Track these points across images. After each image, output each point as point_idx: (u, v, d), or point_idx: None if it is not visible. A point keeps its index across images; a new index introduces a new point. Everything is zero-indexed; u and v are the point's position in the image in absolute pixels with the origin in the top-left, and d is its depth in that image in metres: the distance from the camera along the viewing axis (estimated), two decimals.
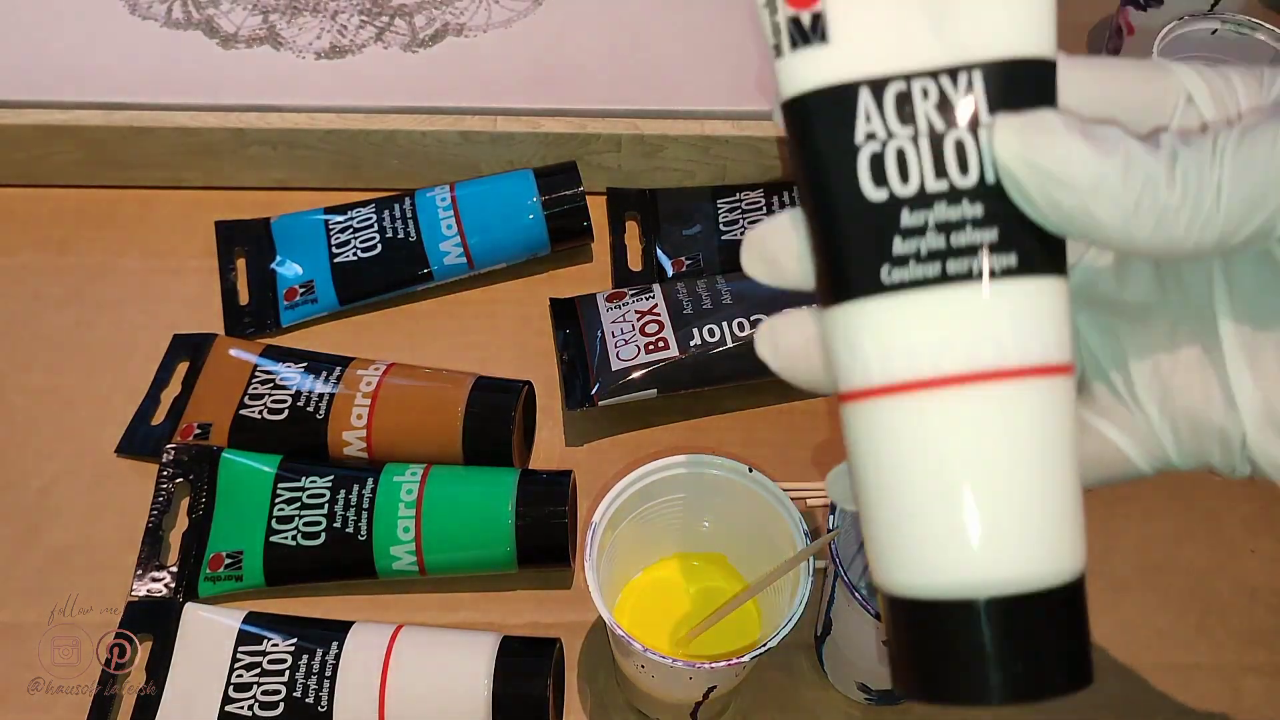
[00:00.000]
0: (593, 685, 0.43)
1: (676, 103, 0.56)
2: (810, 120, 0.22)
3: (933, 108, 0.21)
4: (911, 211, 0.21)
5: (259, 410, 0.47)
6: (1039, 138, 0.20)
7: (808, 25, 0.22)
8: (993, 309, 0.21)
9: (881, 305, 0.21)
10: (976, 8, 0.21)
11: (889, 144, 0.21)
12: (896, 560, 0.22)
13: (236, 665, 0.41)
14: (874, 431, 0.22)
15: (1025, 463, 0.21)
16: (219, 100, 0.56)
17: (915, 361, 0.21)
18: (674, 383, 0.48)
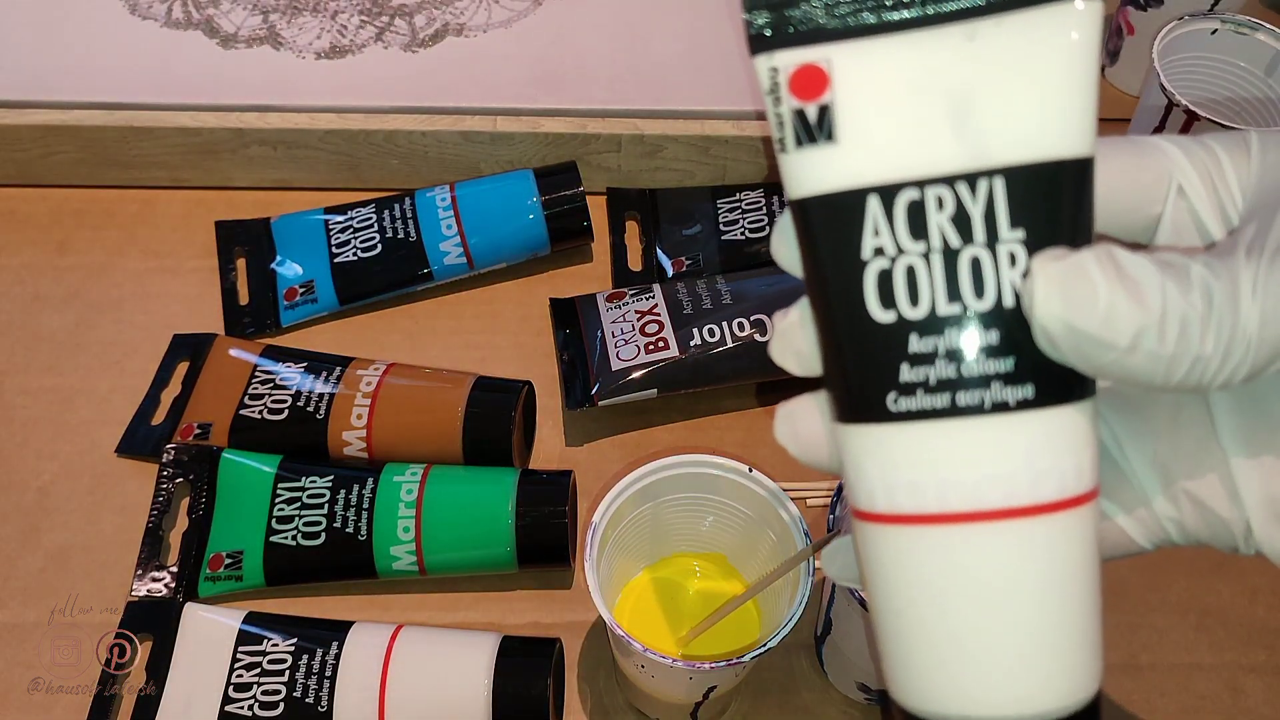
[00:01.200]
0: (593, 685, 0.43)
1: (676, 103, 0.56)
2: (815, 228, 0.20)
3: (948, 220, 0.19)
4: (921, 337, 0.19)
5: (259, 410, 0.47)
6: (1078, 291, 0.18)
7: (814, 120, 0.19)
8: (1005, 446, 0.19)
9: (886, 433, 0.20)
10: (1003, 98, 0.18)
11: (898, 261, 0.19)
12: (906, 679, 0.21)
13: (236, 665, 0.41)
14: (883, 555, 0.21)
15: (1038, 597, 0.20)
16: (219, 100, 0.56)
17: (921, 495, 0.20)
18: (674, 383, 0.48)
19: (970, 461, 0.20)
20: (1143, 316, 0.18)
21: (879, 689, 0.41)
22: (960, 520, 0.20)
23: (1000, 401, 0.19)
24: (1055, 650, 0.20)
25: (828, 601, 0.40)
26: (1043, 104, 0.19)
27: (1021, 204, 0.19)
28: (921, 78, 0.19)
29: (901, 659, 0.21)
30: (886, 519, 0.20)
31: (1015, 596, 0.20)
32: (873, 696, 0.42)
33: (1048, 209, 0.19)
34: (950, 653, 0.20)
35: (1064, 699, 0.20)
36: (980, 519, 0.20)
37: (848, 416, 0.21)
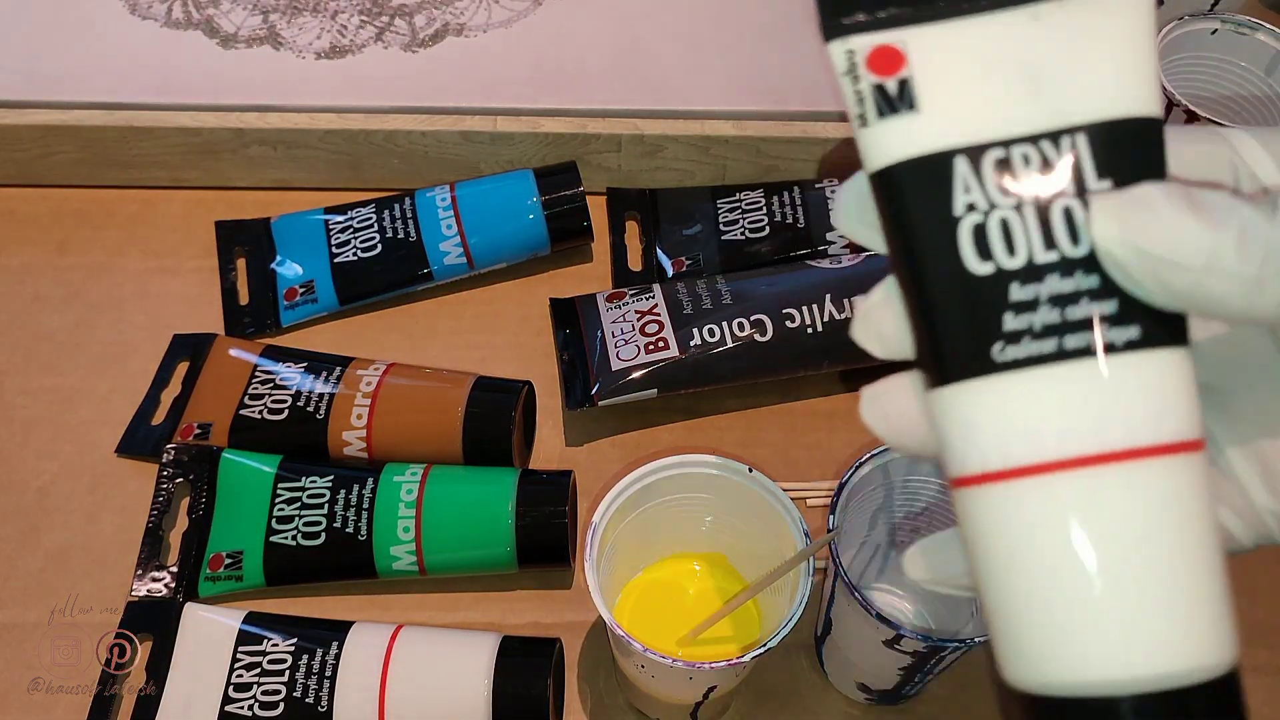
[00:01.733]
0: (593, 685, 0.43)
1: (676, 103, 0.56)
2: (903, 193, 0.20)
3: (1036, 174, 0.20)
4: (1022, 285, 0.20)
5: (259, 410, 0.47)
6: (1140, 216, 0.19)
7: (894, 93, 0.20)
8: (1119, 384, 0.19)
9: (995, 385, 0.20)
10: (1074, 67, 0.19)
11: (991, 214, 0.20)
12: (1026, 654, 0.20)
13: (236, 665, 0.41)
14: (997, 518, 0.20)
15: (1166, 546, 0.19)
16: (219, 100, 0.56)
17: (1039, 443, 0.19)
18: (674, 383, 0.48)
19: (1086, 402, 0.19)
20: (1215, 235, 0.18)
21: (879, 689, 0.41)
22: (1083, 464, 0.19)
23: (1109, 342, 0.19)
24: (1188, 605, 0.19)
25: (828, 601, 0.40)
26: (1110, 70, 0.19)
27: (1105, 156, 0.19)
28: (993, 52, 0.20)
29: (1023, 633, 0.20)
30: (1003, 475, 0.20)
31: (1147, 542, 0.19)
32: (873, 696, 0.42)
33: (1130, 160, 0.20)
34: (1078, 614, 0.19)
35: (1203, 663, 0.20)
36: (1104, 461, 0.19)
37: (949, 377, 0.20)
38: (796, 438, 0.50)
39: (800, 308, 0.48)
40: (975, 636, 0.34)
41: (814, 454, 0.49)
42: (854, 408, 0.53)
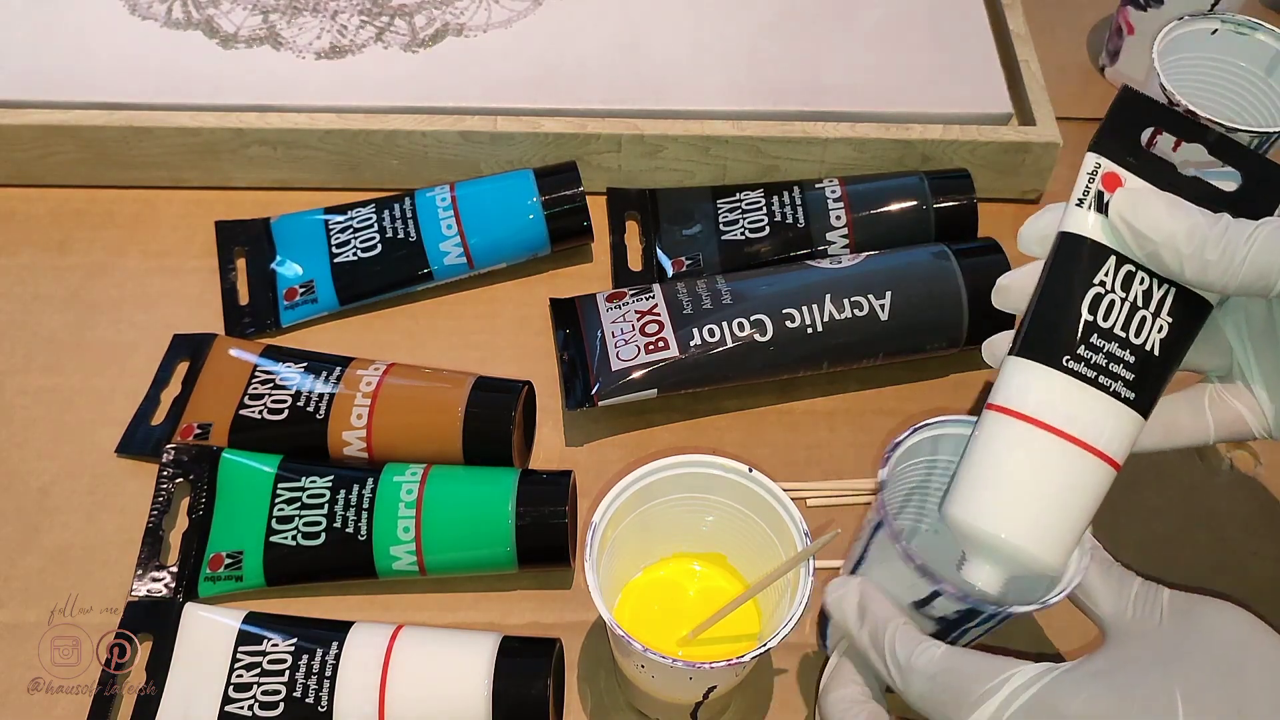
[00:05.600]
0: (593, 685, 0.43)
1: (676, 103, 0.57)
2: (1076, 253, 0.33)
3: (1140, 290, 0.33)
4: (1098, 336, 0.32)
5: (259, 410, 0.47)
6: (1138, 204, 0.32)
7: (1103, 200, 0.33)
8: (1107, 411, 0.33)
9: (1052, 375, 0.33)
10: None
11: (1107, 294, 0.33)
12: (962, 500, 0.34)
13: (236, 665, 0.41)
14: (1010, 434, 0.33)
15: (1064, 489, 0.33)
16: (219, 100, 0.56)
17: (1044, 410, 0.33)
18: (674, 383, 0.48)
19: (1087, 409, 0.33)
20: (1175, 225, 0.31)
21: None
22: (1054, 432, 0.32)
23: (1115, 391, 0.32)
24: (1056, 529, 0.33)
25: (854, 562, 0.39)
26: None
27: (1178, 309, 0.33)
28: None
29: (972, 491, 0.33)
30: (1023, 417, 0.33)
31: (1056, 483, 0.33)
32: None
33: (1186, 316, 0.33)
34: (1013, 498, 0.33)
35: (1049, 560, 0.33)
36: (1073, 440, 0.32)
37: (1030, 355, 0.33)
38: (796, 438, 0.50)
39: (800, 308, 0.48)
40: (1011, 607, 0.34)
41: (814, 454, 0.49)
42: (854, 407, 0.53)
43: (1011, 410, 0.33)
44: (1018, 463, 0.33)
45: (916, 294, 0.49)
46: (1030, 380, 0.33)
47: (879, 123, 0.56)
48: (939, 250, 0.50)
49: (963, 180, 0.54)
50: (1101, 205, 0.33)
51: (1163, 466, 0.49)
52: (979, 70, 0.58)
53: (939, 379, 0.52)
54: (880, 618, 0.35)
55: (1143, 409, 0.33)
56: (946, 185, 0.54)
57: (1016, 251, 0.50)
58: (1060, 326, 0.33)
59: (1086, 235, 0.33)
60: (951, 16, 0.61)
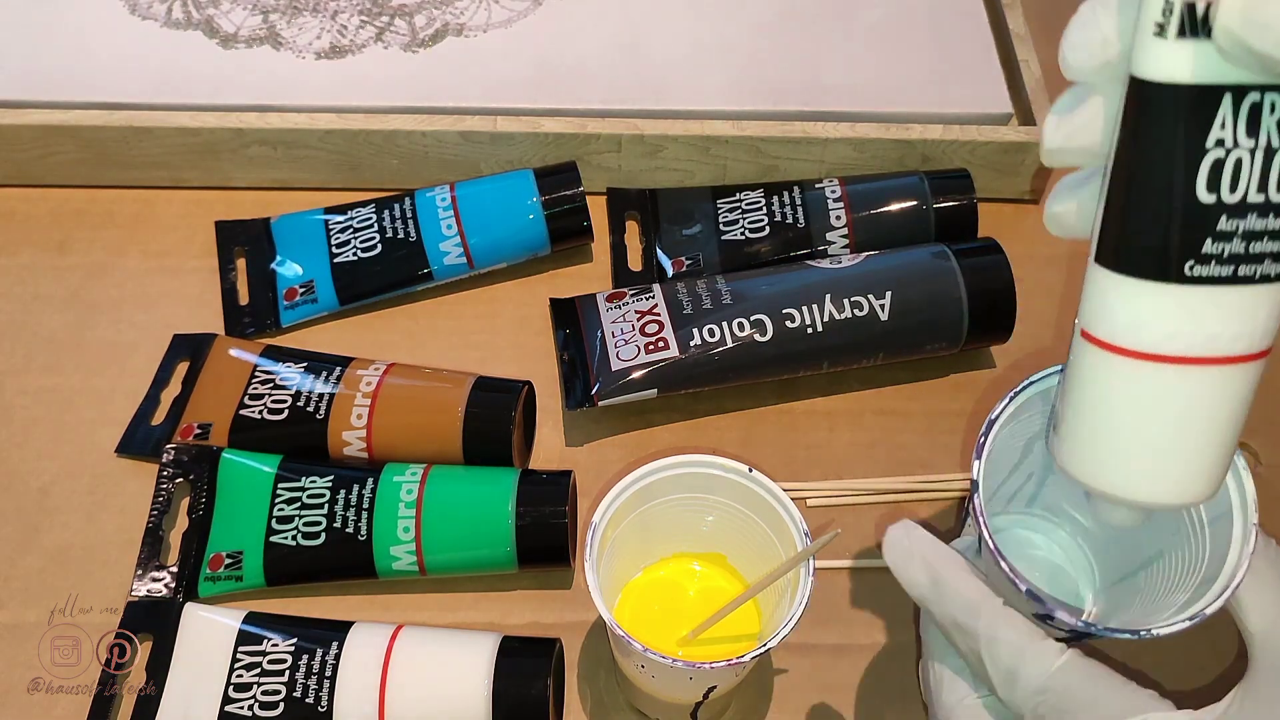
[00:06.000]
0: (593, 685, 0.43)
1: (676, 103, 0.56)
2: (1168, 112, 0.23)
3: (1275, 123, 0.22)
4: (1229, 218, 0.23)
5: (259, 410, 0.47)
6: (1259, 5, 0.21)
7: (1200, 16, 0.21)
8: (1255, 310, 0.24)
9: (1175, 293, 0.24)
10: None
11: (1231, 153, 0.22)
12: (1082, 455, 0.27)
13: (236, 665, 0.41)
14: (1108, 371, 0.26)
15: (1202, 419, 0.26)
16: (219, 100, 0.56)
17: (1182, 342, 0.24)
18: (674, 383, 0.48)
19: (1215, 321, 0.24)
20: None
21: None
22: (1183, 362, 0.25)
23: (1265, 274, 0.24)
24: (1211, 460, 0.26)
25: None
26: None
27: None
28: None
29: (1094, 446, 0.27)
30: (1135, 354, 0.25)
31: (1202, 414, 0.25)
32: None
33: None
34: (1134, 449, 0.26)
35: (1194, 499, 0.27)
36: (1194, 363, 0.25)
37: (1135, 271, 0.24)
38: (796, 438, 0.50)
39: (800, 308, 0.48)
40: (1149, 628, 0.29)
41: (814, 454, 0.49)
42: (854, 408, 0.53)
43: (1118, 347, 0.25)
44: (1137, 409, 0.25)
45: (916, 294, 0.49)
46: (1139, 305, 0.24)
47: (879, 123, 0.56)
48: (939, 250, 0.50)
49: (963, 180, 0.54)
50: (1196, 24, 0.22)
51: None
52: (979, 70, 0.58)
53: (939, 379, 0.52)
54: (968, 597, 0.28)
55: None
56: (946, 185, 0.54)
57: (1017, 251, 0.51)
58: (1169, 224, 0.23)
59: (1180, 80, 0.22)
60: (951, 16, 0.61)
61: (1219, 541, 0.30)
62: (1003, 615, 0.28)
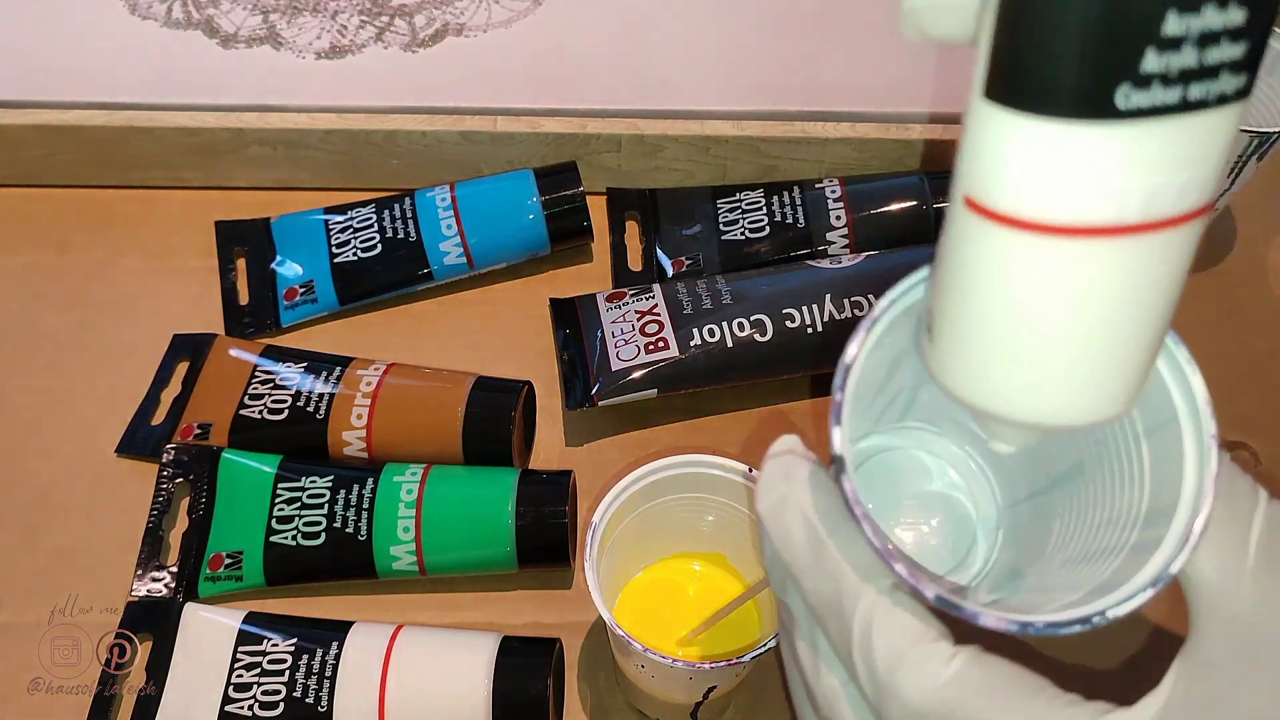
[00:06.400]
0: (593, 685, 0.43)
1: (676, 103, 0.56)
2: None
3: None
4: (1180, 13, 0.16)
5: (259, 410, 0.47)
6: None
7: None
8: (1211, 145, 0.17)
9: (1100, 136, 0.17)
10: None
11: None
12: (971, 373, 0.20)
13: (236, 665, 0.41)
14: (1004, 254, 0.19)
15: (1127, 304, 0.19)
16: (219, 100, 0.56)
17: (1150, 202, 0.17)
18: (674, 383, 0.48)
19: (1156, 166, 0.17)
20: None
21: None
22: (1144, 230, 0.18)
23: (1223, 93, 0.17)
24: (1139, 362, 0.20)
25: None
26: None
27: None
28: None
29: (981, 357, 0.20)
30: (1046, 229, 0.18)
31: (1149, 303, 0.19)
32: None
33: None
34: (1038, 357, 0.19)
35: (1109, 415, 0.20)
36: (1122, 233, 0.18)
37: (1051, 109, 0.17)
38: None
39: (800, 308, 0.48)
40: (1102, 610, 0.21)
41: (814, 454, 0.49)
42: None
43: (1018, 219, 0.18)
44: (1044, 301, 0.19)
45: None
46: (1048, 158, 0.17)
47: (879, 123, 0.56)
48: None
49: None
50: None
51: None
52: None
53: None
54: (849, 575, 0.21)
55: (1250, 82, 0.17)
56: (946, 185, 0.54)
57: None
58: (1092, 34, 0.16)
59: None
60: None
61: (1162, 461, 0.23)
62: (882, 604, 0.21)
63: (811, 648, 0.24)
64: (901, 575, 0.21)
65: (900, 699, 0.20)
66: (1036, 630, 0.21)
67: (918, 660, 0.20)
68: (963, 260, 0.20)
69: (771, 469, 0.25)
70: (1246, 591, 0.20)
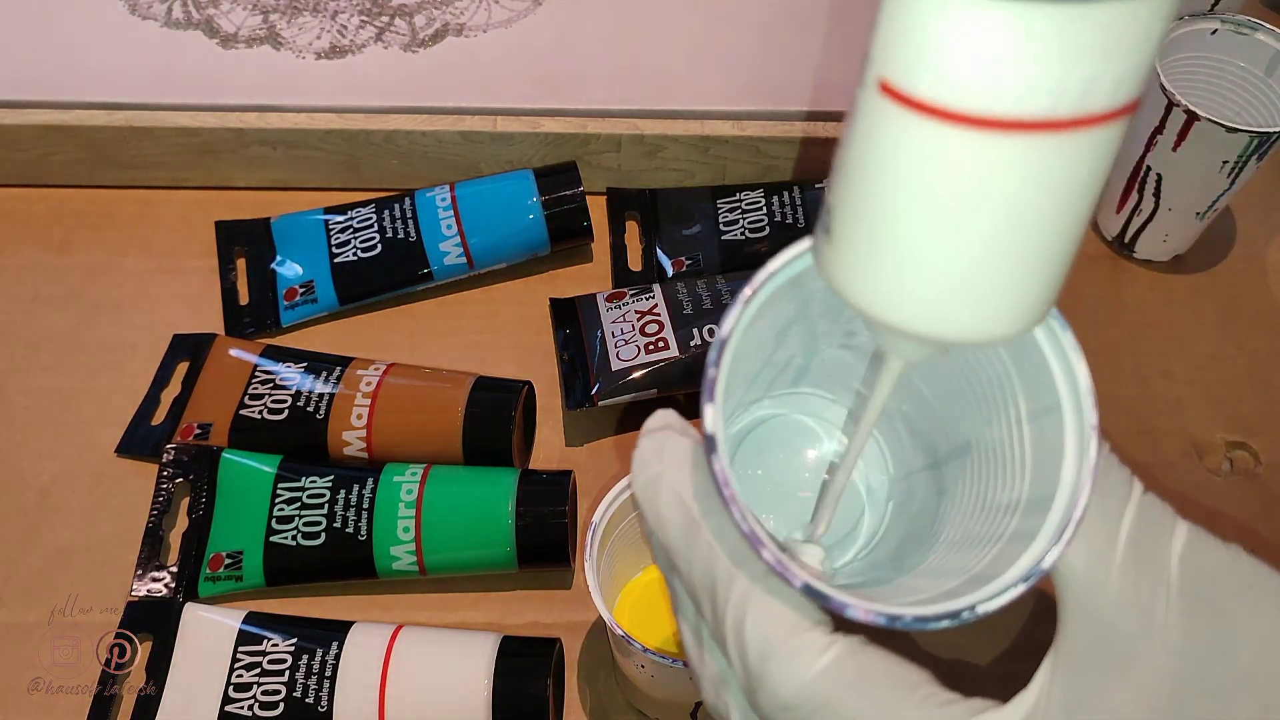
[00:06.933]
0: (593, 685, 0.43)
1: (676, 102, 0.56)
2: None
3: None
4: None
5: (259, 410, 0.47)
6: None
7: None
8: (1155, 27, 0.16)
9: (1051, 16, 0.15)
10: None
11: None
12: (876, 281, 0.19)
13: (236, 665, 0.41)
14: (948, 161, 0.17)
15: (1080, 211, 0.18)
16: (219, 100, 0.56)
17: (1087, 92, 0.16)
18: (674, 383, 0.48)
19: (1121, 51, 0.16)
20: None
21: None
22: (1078, 125, 0.16)
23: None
24: (1055, 274, 0.18)
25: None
26: None
27: None
28: None
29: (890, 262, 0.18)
30: (985, 123, 0.16)
31: (1071, 208, 0.18)
32: None
33: None
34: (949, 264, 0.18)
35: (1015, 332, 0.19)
36: (1095, 122, 0.16)
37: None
38: None
39: None
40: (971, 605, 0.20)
41: None
42: None
43: (945, 110, 0.16)
44: (966, 201, 0.17)
45: None
46: (986, 39, 0.16)
47: None
48: None
49: None
50: None
51: (1161, 468, 0.49)
52: None
53: None
54: (722, 560, 0.20)
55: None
56: None
57: None
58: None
59: None
60: None
61: (1043, 448, 0.22)
62: (755, 591, 0.20)
63: (694, 631, 0.22)
64: (769, 562, 0.20)
65: (769, 691, 0.19)
66: (905, 624, 0.19)
67: (789, 652, 0.19)
68: (874, 152, 0.18)
69: (645, 446, 0.23)
70: (1113, 586, 0.19)
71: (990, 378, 0.23)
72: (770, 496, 0.27)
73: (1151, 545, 0.20)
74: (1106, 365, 0.52)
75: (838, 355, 0.27)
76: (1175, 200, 0.53)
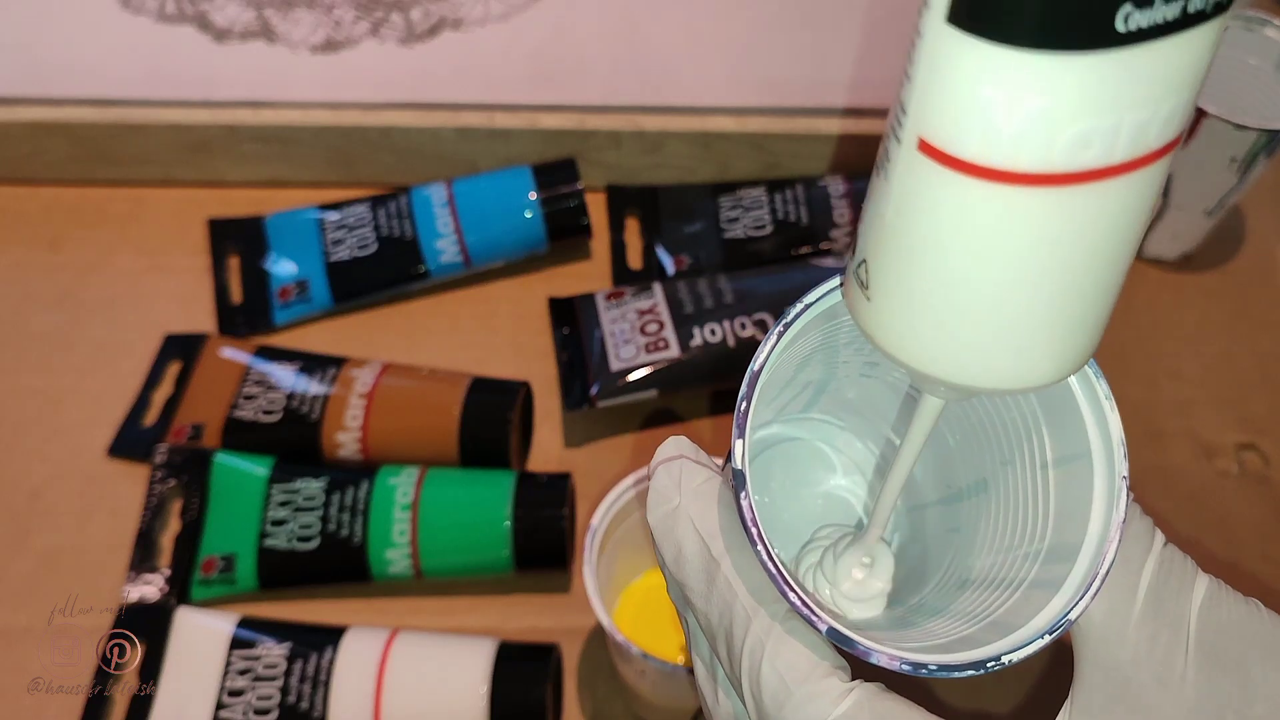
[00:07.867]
0: (592, 692, 0.42)
1: (677, 98, 0.56)
2: None
3: None
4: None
5: (252, 411, 0.47)
6: None
7: None
8: (1200, 62, 0.15)
9: (1095, 67, 0.14)
10: None
11: None
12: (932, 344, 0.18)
13: (230, 670, 0.40)
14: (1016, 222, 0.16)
15: (1123, 256, 0.17)
16: (212, 96, 0.55)
17: (1138, 138, 0.15)
18: (674, 383, 0.47)
19: (1173, 88, 0.15)
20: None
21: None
22: (1128, 169, 0.16)
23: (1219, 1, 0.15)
24: (1104, 317, 0.18)
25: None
26: None
27: None
28: None
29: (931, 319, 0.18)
30: (1039, 180, 0.16)
31: (1124, 254, 0.17)
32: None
33: None
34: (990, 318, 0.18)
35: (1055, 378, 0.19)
36: (1147, 162, 0.16)
37: (1040, 42, 0.14)
38: None
39: None
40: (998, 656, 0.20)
41: None
42: None
43: (995, 170, 0.16)
44: (1015, 257, 0.17)
45: None
46: (1038, 97, 0.15)
47: (883, 118, 0.55)
48: None
49: None
50: None
51: (1170, 470, 0.48)
52: None
53: None
54: (741, 599, 0.20)
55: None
56: None
57: None
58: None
59: None
60: None
61: (1068, 494, 0.22)
62: (775, 632, 0.20)
63: (709, 669, 0.22)
64: (794, 605, 0.19)
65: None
66: (929, 672, 0.19)
67: (805, 698, 0.19)
68: (916, 211, 0.17)
69: (662, 476, 0.22)
70: (1131, 639, 0.19)
71: (1015, 417, 0.23)
72: (775, 524, 0.27)
73: (1172, 599, 0.20)
74: (1114, 366, 0.52)
75: (855, 383, 0.27)
76: (1184, 198, 0.52)
